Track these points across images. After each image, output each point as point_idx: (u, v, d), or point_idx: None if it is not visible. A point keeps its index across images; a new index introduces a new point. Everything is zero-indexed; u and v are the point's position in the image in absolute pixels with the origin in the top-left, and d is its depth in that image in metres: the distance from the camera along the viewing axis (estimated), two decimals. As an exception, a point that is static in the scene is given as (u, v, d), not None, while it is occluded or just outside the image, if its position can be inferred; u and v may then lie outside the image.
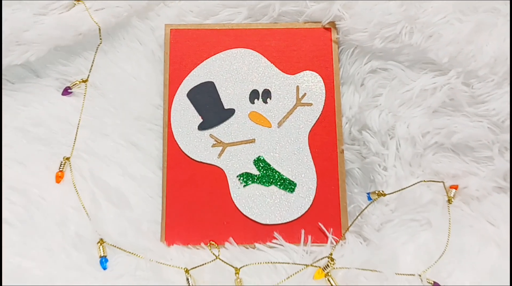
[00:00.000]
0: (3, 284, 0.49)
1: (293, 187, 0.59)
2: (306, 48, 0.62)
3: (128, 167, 0.59)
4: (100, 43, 0.62)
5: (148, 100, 0.62)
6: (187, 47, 0.62)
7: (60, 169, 0.58)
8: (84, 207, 0.57)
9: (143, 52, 0.63)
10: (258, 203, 0.58)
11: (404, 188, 0.56)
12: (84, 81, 0.62)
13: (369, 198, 0.58)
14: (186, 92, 0.61)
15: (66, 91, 0.62)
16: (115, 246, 0.55)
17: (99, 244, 0.55)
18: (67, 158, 0.59)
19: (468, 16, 0.56)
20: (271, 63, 0.61)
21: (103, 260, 0.54)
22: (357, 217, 0.57)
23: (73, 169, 0.59)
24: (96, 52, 0.62)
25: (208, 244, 0.56)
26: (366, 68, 0.61)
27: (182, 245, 0.57)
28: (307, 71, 0.61)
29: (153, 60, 0.63)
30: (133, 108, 0.61)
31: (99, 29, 0.61)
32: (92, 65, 0.62)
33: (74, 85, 0.62)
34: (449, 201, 0.57)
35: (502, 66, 0.54)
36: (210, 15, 0.63)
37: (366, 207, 0.58)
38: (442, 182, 0.57)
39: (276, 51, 0.62)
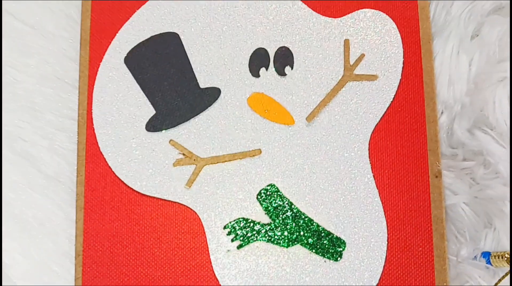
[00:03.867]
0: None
1: (339, 249, 0.35)
2: (364, -34, 0.39)
3: (14, 204, 0.38)
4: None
5: (56, 71, 0.40)
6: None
7: None
8: None
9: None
10: (268, 283, 0.35)
11: None
12: None
13: (488, 262, 0.36)
14: (124, 56, 0.38)
15: None
16: None
17: None
18: None
19: None
20: (295, -5, 0.38)
21: None
22: (472, 314, 0.35)
23: None
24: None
25: None
26: (485, 5, 0.39)
27: None
28: (366, 10, 0.38)
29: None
30: (28, 86, 0.40)
31: None
32: None
33: None
34: None
35: None
36: None
37: (489, 290, 0.35)
38: None
39: (305, -27, 0.39)
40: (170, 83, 0.36)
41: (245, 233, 0.35)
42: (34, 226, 0.37)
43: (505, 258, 0.35)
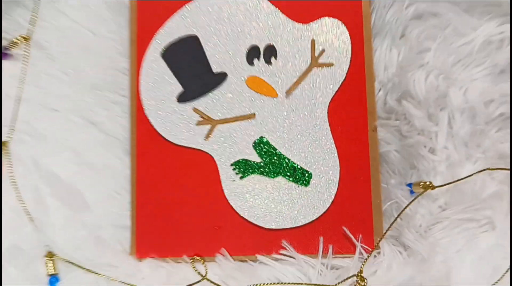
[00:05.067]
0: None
1: (307, 178, 0.47)
2: (325, -15, 0.48)
3: (85, 153, 0.48)
4: (41, -16, 0.48)
5: (111, 62, 0.49)
6: (161, -13, 0.49)
7: (-6, 158, 0.46)
8: (26, 209, 0.46)
9: (104, -4, 0.49)
10: (260, 201, 0.47)
11: (460, 180, 0.44)
12: (26, 39, 0.48)
13: (412, 192, 0.46)
14: (161, 51, 0.48)
15: (4, 54, 0.48)
16: (68, 261, 0.45)
17: (46, 258, 0.45)
18: (4, 143, 0.47)
19: None
20: (277, 7, 0.48)
21: (53, 280, 0.45)
22: (395, 219, 0.45)
23: (12, 157, 0.47)
24: (37, -3, 0.48)
25: (192, 258, 0.46)
26: (408, 13, 0.48)
27: (158, 258, 0.46)
28: (326, 18, 0.48)
29: (117, 8, 0.50)
30: (91, 73, 0.49)
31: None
32: (35, 17, 0.48)
33: (13, 44, 0.48)
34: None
35: None
36: None
37: (407, 205, 0.45)
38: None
39: (284, -9, 0.48)
40: (193, 70, 0.47)
41: (245, 168, 0.47)
42: (100, 170, 0.48)
43: (421, 185, 0.45)
